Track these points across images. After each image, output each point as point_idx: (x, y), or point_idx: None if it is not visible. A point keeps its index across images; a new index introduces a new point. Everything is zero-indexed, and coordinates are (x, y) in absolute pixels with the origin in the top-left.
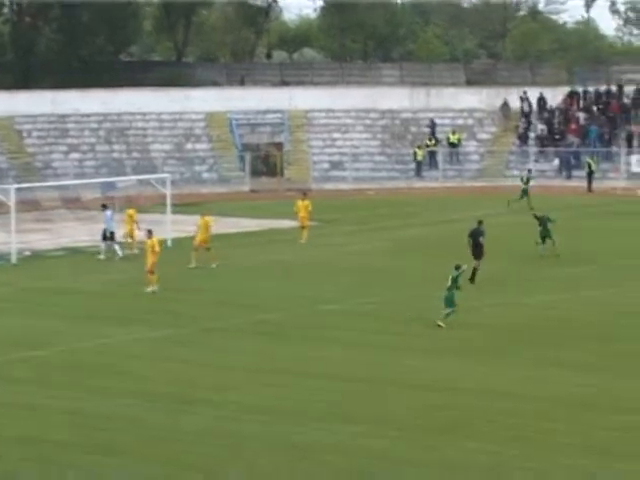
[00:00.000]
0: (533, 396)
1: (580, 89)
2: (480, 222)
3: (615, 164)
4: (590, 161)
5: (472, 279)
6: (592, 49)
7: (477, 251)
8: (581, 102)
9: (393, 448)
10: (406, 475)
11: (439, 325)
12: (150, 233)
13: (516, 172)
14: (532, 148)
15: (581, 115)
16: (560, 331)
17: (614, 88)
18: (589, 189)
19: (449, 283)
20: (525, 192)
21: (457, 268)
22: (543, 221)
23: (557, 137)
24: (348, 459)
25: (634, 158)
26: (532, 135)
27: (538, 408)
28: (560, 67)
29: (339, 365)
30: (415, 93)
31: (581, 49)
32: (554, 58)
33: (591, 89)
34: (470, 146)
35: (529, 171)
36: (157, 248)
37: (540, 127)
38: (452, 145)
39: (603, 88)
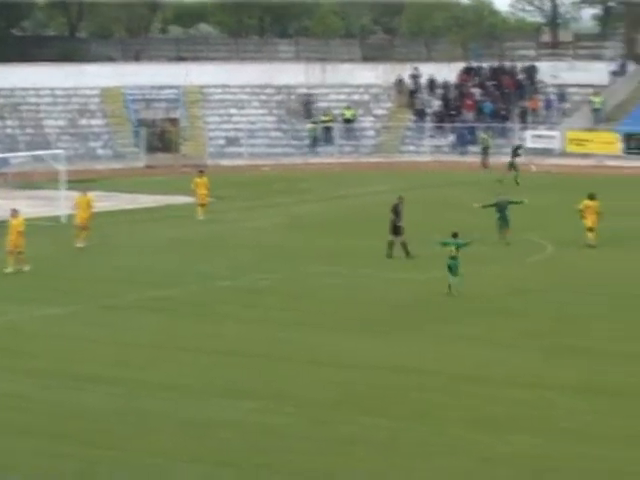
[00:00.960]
0: (430, 371)
1: (475, 65)
2: (400, 198)
3: (509, 139)
4: (485, 137)
5: (407, 253)
6: (486, 25)
7: (395, 227)
8: (476, 78)
9: (289, 424)
10: (300, 451)
11: (451, 293)
12: (15, 212)
13: (412, 148)
14: (428, 124)
15: (476, 91)
16: (459, 306)
17: (508, 64)
18: (484, 164)
19: (453, 252)
20: (512, 165)
21: (454, 236)
22: (501, 206)
23: (453, 113)
24: (244, 436)
25: (528, 134)
26: (428, 111)
27: (434, 383)
28: (455, 43)
29: (235, 341)
30: (311, 69)
31: (476, 25)
32: (449, 34)
33: (485, 65)
34: (366, 122)
35: (518, 147)
36: (21, 228)
37: (436, 103)
38: (347, 121)
39: (497, 64)
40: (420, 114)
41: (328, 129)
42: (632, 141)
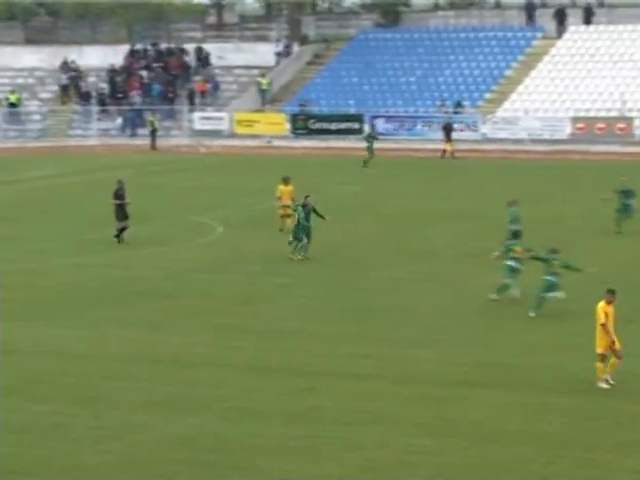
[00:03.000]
0: (95, 356)
1: (141, 47)
2: (120, 181)
3: (178, 121)
4: (153, 119)
5: (119, 238)
6: (153, 7)
7: (121, 212)
8: (142, 60)
9: None
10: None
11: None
12: None
13: (79, 131)
14: (94, 107)
15: (143, 73)
16: (125, 290)
17: (174, 46)
18: (153, 147)
19: (548, 266)
20: (370, 149)
21: (554, 252)
22: (627, 194)
23: (120, 96)
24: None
25: (196, 115)
26: (94, 94)
27: (101, 367)
28: (120, 25)
29: None
30: None
31: (141, 7)
32: (114, 16)
33: (152, 47)
34: (32, 106)
35: (372, 133)
36: None
37: (102, 86)
38: (12, 105)
39: (164, 46)
40: (86, 97)
41: None
42: (298, 121)
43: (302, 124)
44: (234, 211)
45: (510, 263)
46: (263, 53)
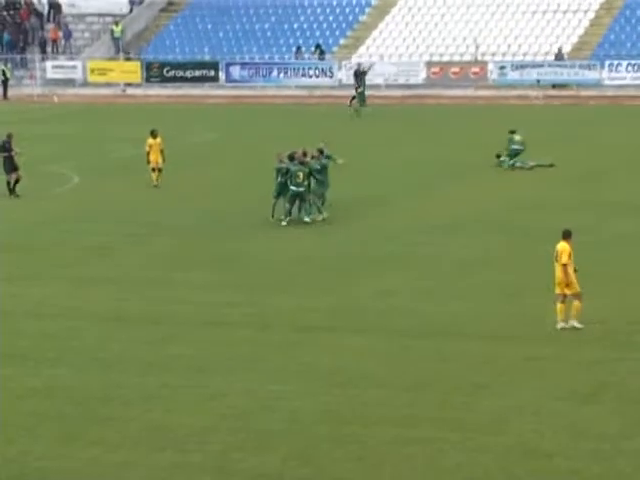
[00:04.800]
0: None
1: None
2: (9, 135)
3: (30, 71)
4: (4, 68)
5: (12, 191)
6: None
7: (9, 164)
8: None
9: None
10: None
11: None
12: None
13: None
14: None
15: None
16: None
17: None
18: (4, 96)
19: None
20: (361, 95)
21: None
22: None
23: None
24: None
25: (49, 64)
26: None
27: None
28: None
29: None
30: None
31: None
32: None
33: None
34: None
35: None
36: None
37: None
38: None
39: None
40: None
41: None
42: (152, 69)
43: (157, 72)
44: (90, 160)
45: (292, 188)
46: (116, 0)
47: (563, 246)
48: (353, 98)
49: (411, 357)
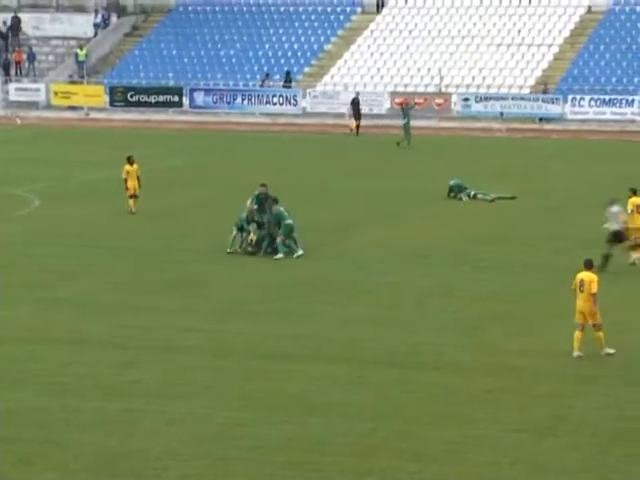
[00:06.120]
0: None
1: None
2: None
3: None
4: None
5: None
6: None
7: None
8: None
9: None
10: None
11: None
12: None
13: None
14: None
15: None
16: None
17: None
18: None
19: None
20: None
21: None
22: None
23: None
24: None
25: (12, 86)
26: None
27: None
28: None
29: None
30: None
31: None
32: None
33: None
34: None
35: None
36: None
37: None
38: None
39: None
40: None
41: None
42: (117, 94)
43: (121, 96)
44: (51, 184)
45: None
46: (81, 24)
47: (590, 276)
48: (357, 127)
49: (373, 387)
